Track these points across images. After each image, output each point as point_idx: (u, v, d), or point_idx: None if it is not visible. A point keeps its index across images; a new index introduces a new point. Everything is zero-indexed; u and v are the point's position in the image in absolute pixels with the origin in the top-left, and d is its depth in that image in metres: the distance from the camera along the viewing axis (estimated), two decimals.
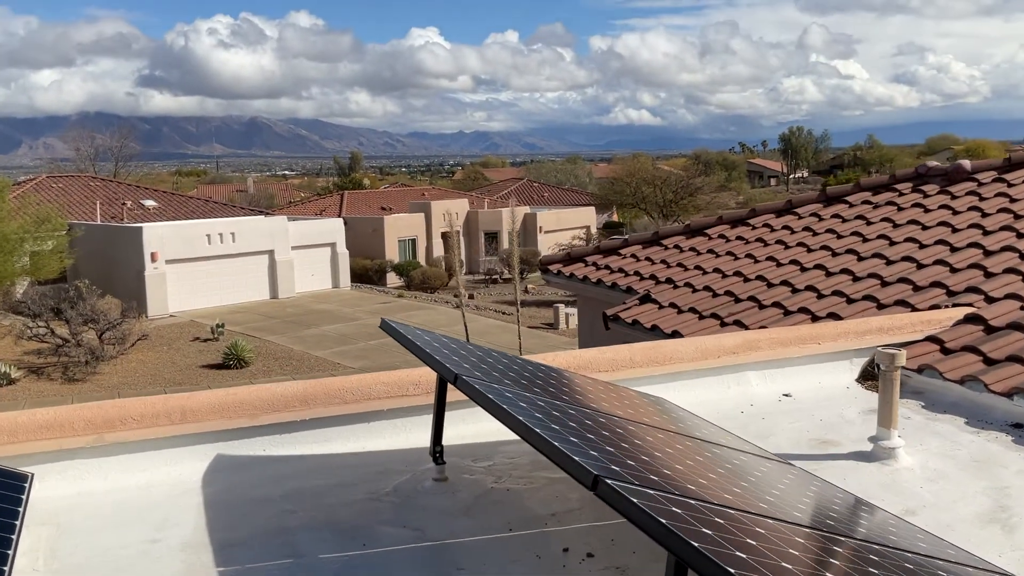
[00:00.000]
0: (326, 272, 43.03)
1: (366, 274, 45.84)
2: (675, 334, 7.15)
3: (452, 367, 3.45)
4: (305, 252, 41.76)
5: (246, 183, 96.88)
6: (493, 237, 51.10)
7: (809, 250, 8.03)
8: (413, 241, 48.84)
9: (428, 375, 4.84)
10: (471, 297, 42.27)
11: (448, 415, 4.26)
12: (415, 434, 4.77)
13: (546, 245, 49.75)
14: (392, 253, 47.55)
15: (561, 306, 35.51)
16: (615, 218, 68.70)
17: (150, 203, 43.01)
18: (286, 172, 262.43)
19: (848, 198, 8.99)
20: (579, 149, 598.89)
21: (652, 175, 67.21)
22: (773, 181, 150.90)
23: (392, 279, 46.23)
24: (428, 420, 4.59)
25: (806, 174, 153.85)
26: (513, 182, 74.51)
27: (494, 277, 48.15)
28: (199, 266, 37.75)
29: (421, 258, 48.46)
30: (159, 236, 36.62)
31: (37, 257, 32.62)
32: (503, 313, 37.66)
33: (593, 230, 55.67)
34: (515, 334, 33.85)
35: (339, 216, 48.58)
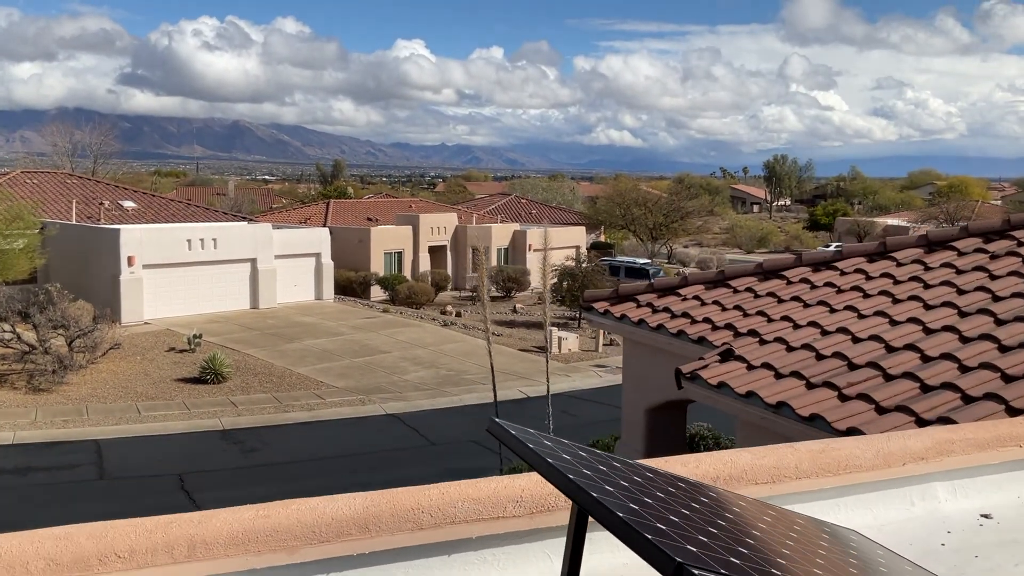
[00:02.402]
0: (309, 283, 41.49)
1: (350, 286, 44.34)
2: (781, 406, 5.85)
3: (607, 501, 2.14)
4: (289, 262, 40.22)
5: (227, 187, 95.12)
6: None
7: (927, 306, 6.77)
8: (399, 254, 47.39)
9: (532, 488, 3.48)
10: (458, 315, 40.89)
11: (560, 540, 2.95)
12: (513, 571, 3.41)
13: (536, 264, 48.47)
14: (377, 266, 46.08)
15: (554, 329, 34.18)
16: (603, 238, 67.65)
17: (129, 204, 41.32)
18: (267, 177, 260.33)
19: (955, 244, 7.76)
20: (560, 167, 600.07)
21: (643, 197, 66.30)
22: (756, 208, 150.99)
23: (376, 292, 44.74)
24: (531, 551, 3.27)
25: (789, 202, 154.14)
26: (500, 197, 73.28)
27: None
28: (178, 272, 36.12)
29: (407, 272, 47.02)
30: (137, 239, 34.98)
31: (6, 256, 30.86)
32: (493, 333, 36.24)
33: (583, 250, 54.46)
34: (506, 356, 32.51)
35: (324, 225, 47.06)
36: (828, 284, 7.75)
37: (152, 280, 35.27)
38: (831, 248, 72.05)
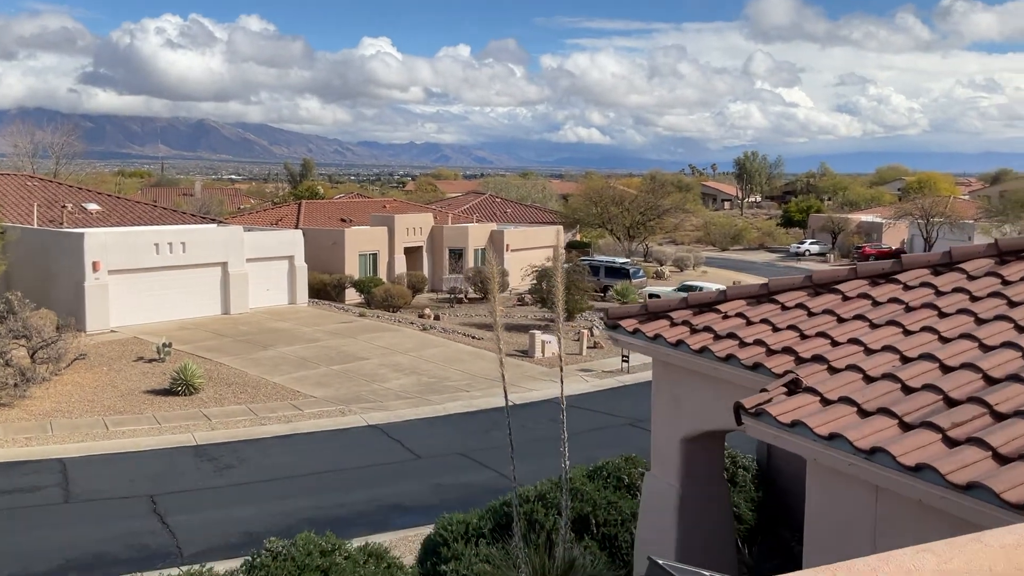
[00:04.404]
0: (283, 287, 40.28)
1: (324, 289, 43.15)
2: (875, 451, 4.98)
3: None
4: (261, 265, 38.99)
5: (193, 187, 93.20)
6: (459, 254, 48.75)
7: (1020, 328, 5.94)
8: (375, 256, 46.23)
9: None
10: (437, 318, 39.88)
11: None
12: None
13: (514, 264, 47.60)
14: (352, 268, 44.91)
15: (537, 332, 33.32)
16: (579, 237, 66.89)
17: (93, 207, 39.83)
18: (233, 176, 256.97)
19: None
20: (530, 164, 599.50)
21: (620, 196, 65.66)
22: (727, 205, 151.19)
23: (352, 295, 43.60)
24: None
25: (759, 199, 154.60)
26: (475, 196, 72.27)
27: (459, 296, 45.78)
28: (145, 278, 34.77)
29: (382, 274, 45.89)
30: (102, 243, 33.60)
31: None
32: (472, 337, 35.35)
33: (561, 249, 53.60)
34: (488, 360, 31.56)
35: (297, 227, 45.82)
36: (894, 300, 6.91)
37: (118, 286, 33.93)
38: (805, 244, 71.65)
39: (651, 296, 44.84)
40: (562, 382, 9.53)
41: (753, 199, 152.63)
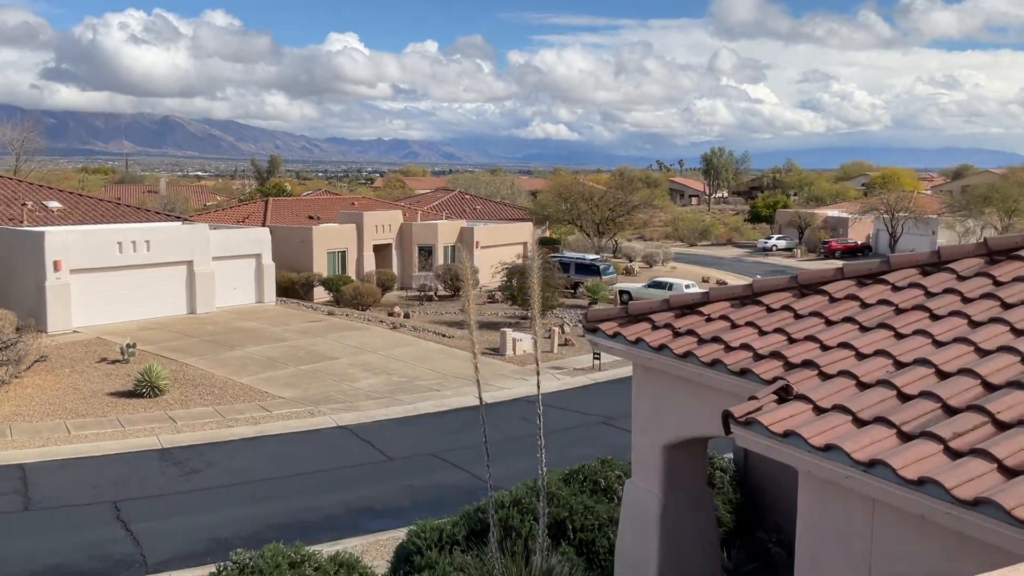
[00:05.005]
0: (250, 286, 39.64)
1: (293, 288, 42.57)
2: (875, 464, 4.76)
3: None
4: (227, 263, 38.33)
5: (158, 184, 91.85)
6: (428, 251, 48.34)
7: (1016, 331, 5.75)
8: (343, 253, 45.69)
9: None
10: (407, 316, 39.47)
11: None
12: None
13: (485, 261, 47.26)
14: (321, 266, 44.35)
15: (508, 330, 33.05)
16: (548, 234, 66.70)
17: (54, 204, 38.92)
18: (199, 173, 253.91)
19: (1022, 252, 6.77)
20: (498, 161, 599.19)
21: (589, 192, 65.56)
22: (694, 200, 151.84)
23: (320, 294, 43.06)
24: None
25: (726, 194, 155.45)
26: (444, 193, 71.78)
27: (429, 294, 45.38)
28: (108, 277, 34.02)
29: (351, 272, 45.37)
30: (63, 242, 32.81)
31: None
32: (443, 335, 34.99)
33: (531, 246, 53.37)
34: (459, 359, 31.23)
35: (264, 225, 45.16)
36: (883, 302, 6.71)
37: (81, 286, 33.17)
38: (773, 239, 71.86)
39: (621, 292, 44.74)
40: (539, 387, 9.28)
41: (720, 195, 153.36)
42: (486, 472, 19.01)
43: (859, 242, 78.23)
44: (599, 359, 30.20)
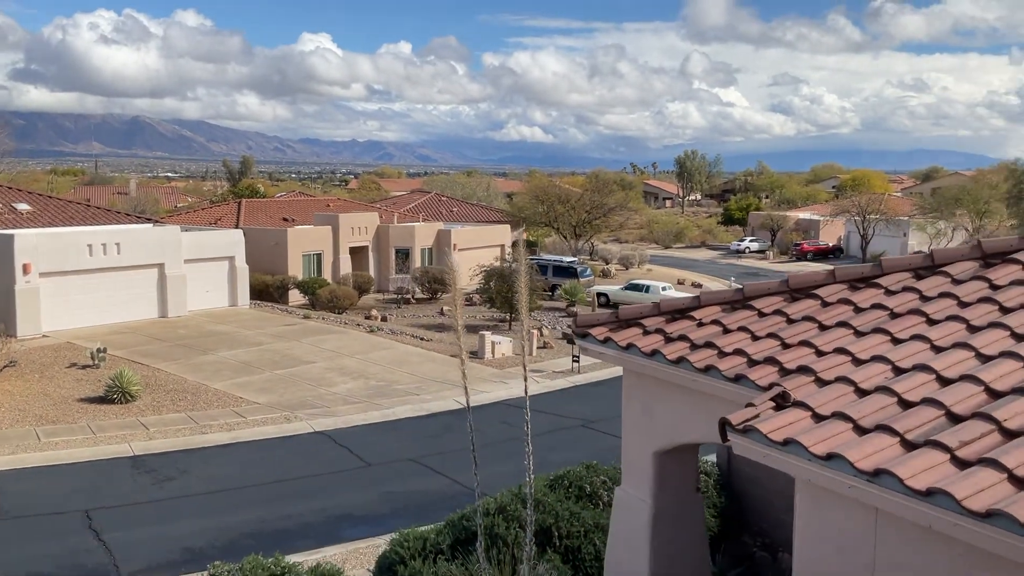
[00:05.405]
0: (223, 289, 39.18)
1: (267, 291, 42.12)
2: (880, 473, 4.64)
3: None
4: (200, 266, 37.86)
5: (128, 185, 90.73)
6: (405, 254, 48.04)
7: (1017, 336, 5.66)
8: (319, 256, 45.28)
9: None
10: (384, 319, 39.17)
11: None
12: None
13: (462, 264, 47.00)
14: (296, 269, 43.92)
15: (486, 333, 32.86)
16: (525, 236, 66.59)
17: (23, 207, 38.25)
18: (169, 174, 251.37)
19: (1018, 255, 6.70)
20: (473, 163, 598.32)
21: (566, 194, 65.54)
22: (668, 203, 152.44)
23: (295, 297, 42.65)
24: None
25: (699, 197, 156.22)
26: (420, 195, 71.49)
27: (406, 297, 45.09)
28: (78, 280, 33.48)
29: (327, 274, 44.98)
30: (33, 245, 32.24)
31: None
32: (421, 339, 34.74)
33: (508, 249, 53.27)
34: (438, 363, 31.00)
35: (237, 227, 44.66)
36: (877, 306, 6.61)
37: (50, 289, 32.61)
38: (746, 241, 72.34)
39: (599, 295, 44.72)
40: (526, 392, 9.08)
41: (693, 197, 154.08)
42: (468, 477, 18.80)
43: (831, 244, 78.82)
44: (578, 361, 30.09)
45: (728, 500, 12.84)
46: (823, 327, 6.57)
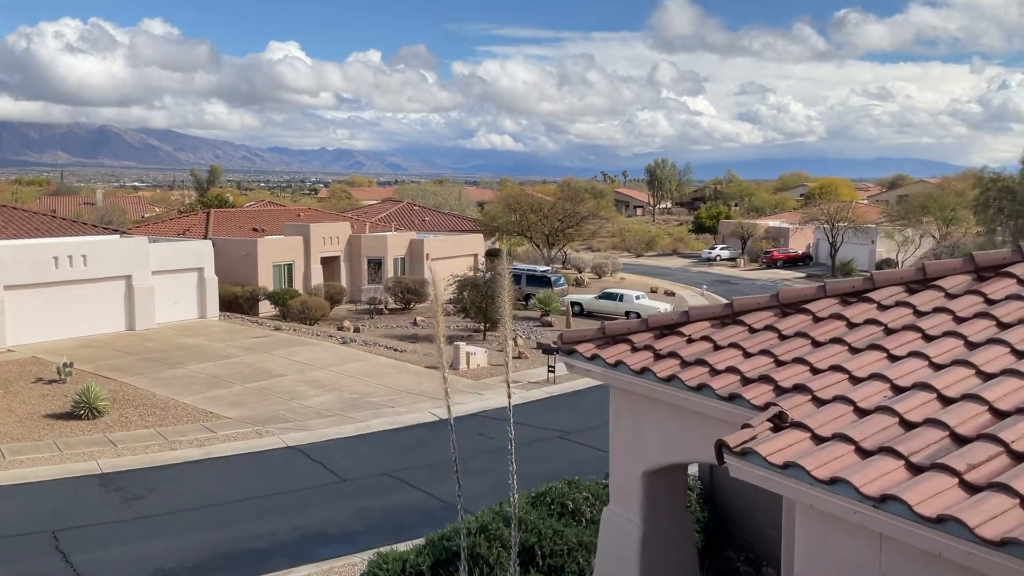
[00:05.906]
0: (192, 300, 38.60)
1: (237, 302, 41.55)
2: (887, 499, 4.47)
3: None
4: (168, 278, 37.29)
5: (95, 195, 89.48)
6: (377, 264, 47.65)
7: (1017, 352, 5.54)
8: (290, 267, 44.78)
9: None
10: (357, 331, 38.77)
11: None
12: None
13: (436, 273, 46.71)
14: (266, 279, 43.39)
15: (461, 344, 32.57)
16: (498, 245, 66.38)
17: None
18: (136, 184, 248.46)
19: (1011, 269, 6.60)
20: (444, 171, 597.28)
21: (539, 203, 65.43)
22: (639, 211, 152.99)
23: (266, 308, 42.11)
24: None
25: (670, 205, 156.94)
26: (391, 204, 71.04)
27: (379, 307, 44.71)
28: (44, 293, 32.80)
29: (298, 285, 44.48)
30: None
31: None
32: (395, 350, 34.39)
33: (481, 258, 53.04)
34: (412, 374, 30.69)
35: (206, 237, 44.06)
36: (871, 322, 6.47)
37: (15, 302, 31.91)
38: (716, 249, 72.66)
39: (573, 304, 44.58)
40: (510, 405, 8.86)
41: (664, 205, 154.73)
42: (444, 491, 18.48)
43: (800, 252, 79.40)
44: (554, 371, 29.90)
45: (711, 514, 12.70)
46: (816, 343, 6.42)
